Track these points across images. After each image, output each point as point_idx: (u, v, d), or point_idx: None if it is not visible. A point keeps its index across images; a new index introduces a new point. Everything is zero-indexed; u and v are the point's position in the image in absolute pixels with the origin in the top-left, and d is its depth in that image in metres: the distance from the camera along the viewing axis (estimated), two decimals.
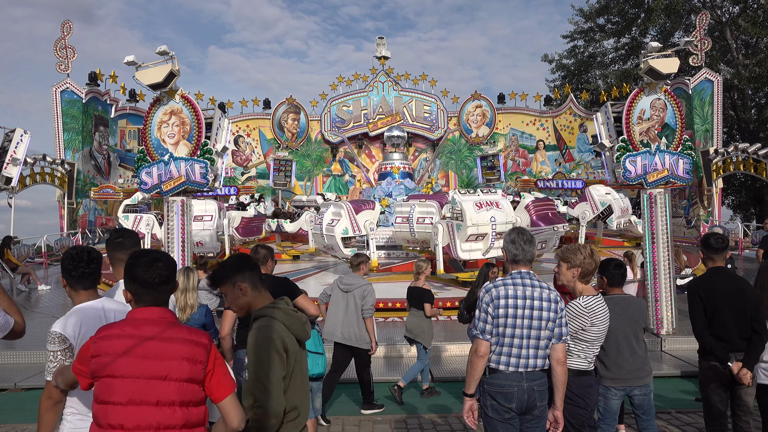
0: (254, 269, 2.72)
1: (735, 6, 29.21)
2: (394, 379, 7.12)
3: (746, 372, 4.10)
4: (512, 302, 3.25)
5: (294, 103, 27.71)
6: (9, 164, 17.76)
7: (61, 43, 22.09)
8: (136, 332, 2.24)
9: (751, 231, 19.34)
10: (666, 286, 9.28)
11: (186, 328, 2.35)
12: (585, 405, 3.66)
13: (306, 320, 2.68)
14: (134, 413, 2.16)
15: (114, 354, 2.19)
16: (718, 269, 4.37)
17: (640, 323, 4.19)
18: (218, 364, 2.29)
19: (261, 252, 4.81)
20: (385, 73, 27.82)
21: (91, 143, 23.08)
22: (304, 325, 2.61)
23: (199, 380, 2.24)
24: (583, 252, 3.74)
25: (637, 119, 9.36)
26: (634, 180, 9.33)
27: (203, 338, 2.31)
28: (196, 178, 8.92)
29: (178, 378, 2.19)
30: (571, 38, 35.07)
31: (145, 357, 2.19)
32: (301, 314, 2.65)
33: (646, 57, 9.09)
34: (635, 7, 30.74)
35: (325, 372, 4.74)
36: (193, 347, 2.24)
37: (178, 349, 2.22)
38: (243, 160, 27.86)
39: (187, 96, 9.05)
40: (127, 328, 2.26)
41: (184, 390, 2.21)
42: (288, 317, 2.54)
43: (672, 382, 7.43)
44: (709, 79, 22.01)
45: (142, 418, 2.16)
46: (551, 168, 27.50)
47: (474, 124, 27.90)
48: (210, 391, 2.26)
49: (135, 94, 25.07)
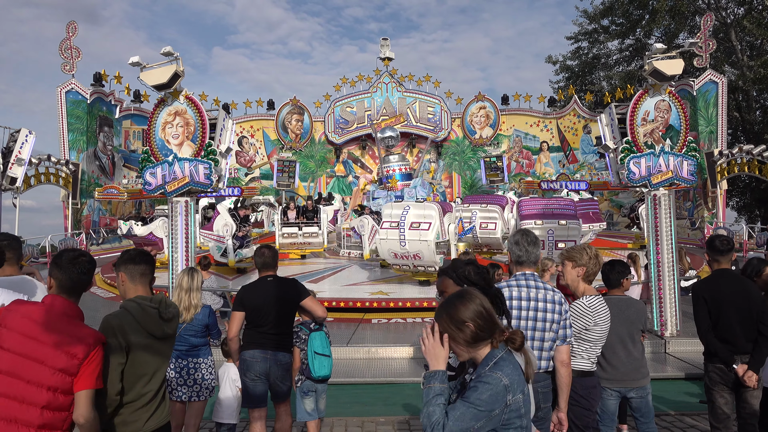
0: (139, 265, 3.01)
1: (740, 7, 29.13)
2: None
3: (752, 374, 4.08)
4: (516, 304, 3.25)
5: (298, 104, 27.74)
6: (14, 164, 17.77)
7: (66, 43, 22.15)
8: (36, 315, 2.54)
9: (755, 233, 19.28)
10: (670, 288, 9.26)
11: (80, 325, 2.62)
12: (589, 406, 3.65)
13: (172, 316, 2.95)
14: (5, 382, 2.45)
15: (8, 327, 2.51)
16: (723, 271, 4.35)
17: (637, 325, 4.18)
18: (94, 363, 2.55)
19: (266, 253, 4.79)
20: (388, 74, 27.83)
21: (96, 144, 23.14)
22: (161, 321, 2.90)
23: (72, 372, 2.50)
24: (588, 252, 3.76)
25: (642, 121, 9.33)
26: (639, 181, 9.31)
27: (90, 338, 2.56)
28: (200, 179, 8.93)
29: (52, 366, 2.47)
30: (575, 40, 35.02)
31: (31, 338, 2.49)
32: (167, 311, 2.93)
33: (651, 58, 9.07)
34: (640, 8, 30.66)
35: (330, 374, 4.74)
36: (77, 343, 2.51)
37: (63, 340, 2.50)
38: (247, 161, 27.91)
39: (191, 97, 9.06)
40: (33, 309, 2.57)
41: (55, 378, 2.47)
42: (142, 312, 2.85)
43: (676, 384, 7.40)
44: (713, 81, 21.95)
45: (10, 389, 2.44)
46: (555, 169, 27.46)
47: (478, 126, 27.89)
48: (75, 381, 2.52)
49: (139, 94, 25.14)
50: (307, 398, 4.69)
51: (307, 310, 4.72)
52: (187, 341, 4.84)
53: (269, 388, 4.65)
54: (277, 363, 4.59)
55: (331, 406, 6.23)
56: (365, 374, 7.90)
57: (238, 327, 4.68)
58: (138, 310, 2.86)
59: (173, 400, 4.86)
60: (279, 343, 4.62)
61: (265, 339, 4.58)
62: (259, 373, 4.55)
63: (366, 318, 10.90)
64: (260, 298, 4.59)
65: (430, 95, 27.96)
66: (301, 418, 4.74)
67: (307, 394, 4.69)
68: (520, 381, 2.12)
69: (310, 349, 4.59)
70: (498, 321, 2.21)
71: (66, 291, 2.66)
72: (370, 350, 8.72)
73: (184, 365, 4.84)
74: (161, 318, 2.92)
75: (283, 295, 4.64)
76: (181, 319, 4.82)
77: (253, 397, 4.60)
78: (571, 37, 35.17)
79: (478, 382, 2.06)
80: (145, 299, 2.94)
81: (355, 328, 10.07)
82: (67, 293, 2.66)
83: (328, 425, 5.77)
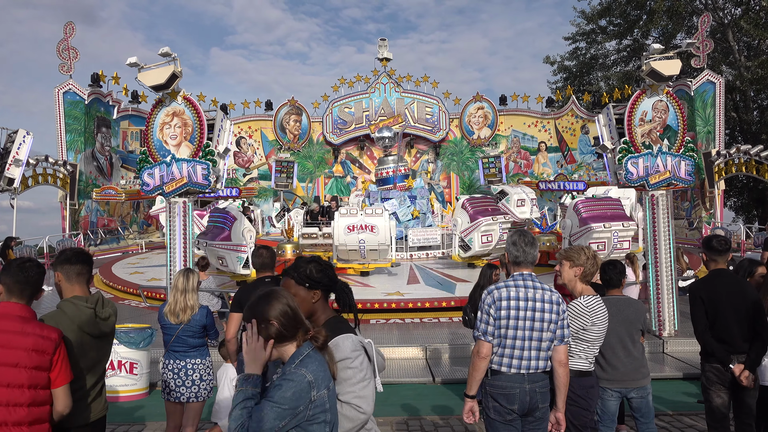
0: (75, 265, 3.13)
1: (737, 8, 29.19)
2: None
3: (748, 374, 4.09)
4: (514, 304, 3.26)
5: (296, 104, 27.72)
6: (11, 165, 17.78)
7: (64, 44, 22.11)
8: None
9: (753, 233, 19.31)
10: (668, 288, 9.27)
11: (38, 324, 2.78)
12: (587, 406, 3.66)
13: (108, 315, 3.08)
14: None
15: None
16: (720, 271, 4.36)
17: (636, 325, 4.19)
18: (62, 357, 2.76)
19: (264, 254, 4.79)
20: (387, 74, 27.82)
21: (94, 144, 23.10)
22: (97, 320, 3.04)
23: (45, 368, 2.70)
24: (586, 253, 3.77)
25: (639, 121, 9.34)
26: (636, 182, 9.32)
27: (53, 333, 2.75)
28: (198, 180, 8.92)
29: (26, 365, 2.64)
30: (573, 40, 35.07)
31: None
32: (103, 310, 3.05)
33: (648, 59, 9.08)
34: (637, 9, 30.72)
35: None
36: (42, 340, 2.69)
37: (28, 341, 2.67)
38: (245, 162, 27.89)
39: (189, 97, 9.05)
40: None
41: (33, 376, 2.66)
42: (78, 312, 3.01)
43: (674, 384, 7.41)
44: (711, 81, 21.99)
45: None
46: (553, 170, 27.48)
47: (476, 126, 27.89)
48: (52, 378, 2.72)
49: (137, 95, 25.11)
50: None
51: None
52: (185, 342, 4.84)
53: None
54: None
55: None
56: None
57: (236, 328, 4.67)
58: (73, 309, 3.03)
59: (171, 400, 4.86)
60: None
61: None
62: None
63: (364, 318, 10.91)
64: None
65: (429, 96, 27.95)
66: None
67: None
68: (326, 377, 2.17)
69: None
70: (303, 320, 2.24)
71: (17, 295, 2.83)
72: None
73: (182, 366, 4.83)
74: (97, 317, 3.06)
75: None
76: (178, 320, 4.82)
77: None
78: (568, 38, 35.25)
79: (283, 380, 2.11)
80: (81, 299, 3.08)
81: None
82: (18, 297, 2.83)
83: None
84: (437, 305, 11.27)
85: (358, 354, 2.42)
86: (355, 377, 2.38)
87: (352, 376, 2.38)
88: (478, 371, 3.27)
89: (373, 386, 2.45)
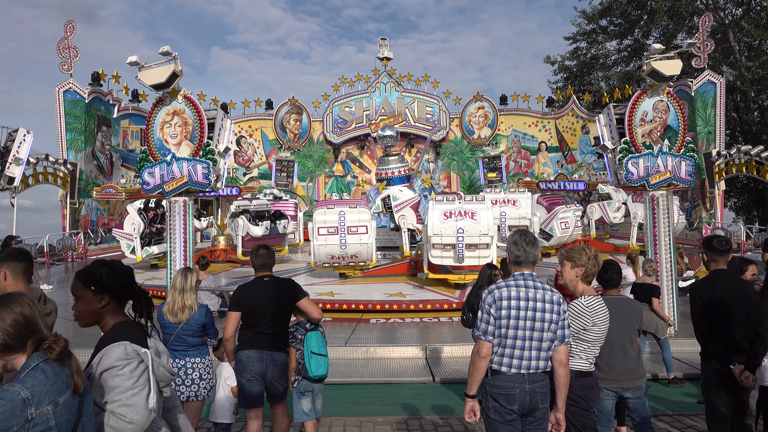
0: (21, 263, 3.16)
1: (738, 8, 29.19)
2: None
3: (748, 375, 4.08)
4: (515, 303, 3.25)
5: (296, 103, 27.72)
6: (12, 164, 17.79)
7: (64, 43, 22.11)
8: None
9: (753, 233, 19.31)
10: (668, 289, 9.26)
11: None
12: (587, 406, 3.65)
13: (49, 311, 3.15)
14: None
15: None
16: (721, 272, 4.35)
17: (634, 325, 4.19)
18: None
19: (263, 253, 4.79)
20: (387, 74, 27.81)
21: (94, 143, 23.10)
22: None
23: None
24: (588, 253, 3.76)
25: (640, 121, 9.34)
26: (637, 182, 9.32)
27: None
28: (199, 179, 8.92)
29: None
30: (574, 40, 35.06)
31: None
32: (45, 306, 3.12)
33: (649, 59, 9.08)
34: (638, 9, 30.72)
35: (327, 374, 4.73)
36: None
37: None
38: (245, 161, 27.88)
39: (189, 96, 9.05)
40: None
41: None
42: None
43: None
44: (711, 81, 21.97)
45: None
46: (553, 169, 27.48)
47: (476, 126, 27.88)
48: None
49: (138, 94, 25.09)
50: (304, 398, 4.69)
51: (301, 311, 4.72)
52: (184, 341, 4.84)
53: (265, 389, 4.64)
54: (274, 363, 4.58)
55: (330, 406, 6.22)
56: (363, 374, 7.89)
57: (234, 327, 4.67)
58: None
59: None
60: (275, 343, 4.61)
61: (262, 339, 4.57)
62: (255, 373, 4.54)
63: (364, 318, 10.90)
64: (257, 299, 4.59)
65: (429, 95, 27.94)
66: (299, 418, 4.73)
67: (304, 394, 4.68)
68: (53, 391, 1.97)
69: (307, 348, 4.59)
70: (40, 329, 2.08)
71: None
72: (369, 350, 8.71)
73: (182, 365, 4.83)
74: None
75: (280, 295, 4.64)
76: (176, 319, 4.82)
77: (249, 397, 4.60)
78: (569, 38, 35.24)
79: None
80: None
81: (353, 328, 10.07)
82: None
83: (326, 425, 5.77)
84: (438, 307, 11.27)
85: (128, 362, 2.29)
86: (122, 385, 2.26)
87: (119, 384, 2.26)
88: (478, 371, 3.27)
89: (146, 395, 2.30)
